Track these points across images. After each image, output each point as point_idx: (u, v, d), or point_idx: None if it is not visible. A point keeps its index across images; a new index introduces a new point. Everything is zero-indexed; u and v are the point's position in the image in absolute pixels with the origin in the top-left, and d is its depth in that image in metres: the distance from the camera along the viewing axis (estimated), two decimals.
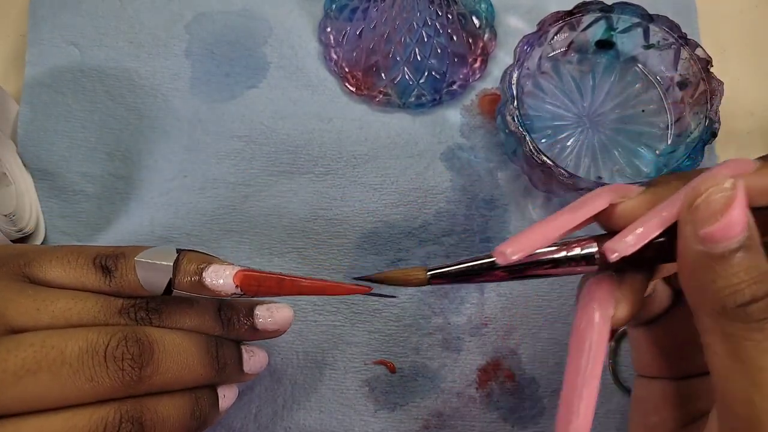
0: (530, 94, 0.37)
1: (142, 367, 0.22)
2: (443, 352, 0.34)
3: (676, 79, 0.36)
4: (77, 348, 0.21)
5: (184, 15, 0.40)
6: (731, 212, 0.18)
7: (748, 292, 0.18)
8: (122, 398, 0.22)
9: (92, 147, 0.37)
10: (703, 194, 0.18)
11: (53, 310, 0.22)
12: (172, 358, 0.23)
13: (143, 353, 0.22)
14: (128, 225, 0.36)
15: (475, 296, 0.35)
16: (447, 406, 0.34)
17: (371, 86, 0.38)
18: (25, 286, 0.23)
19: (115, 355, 0.22)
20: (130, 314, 0.24)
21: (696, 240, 0.18)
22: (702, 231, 0.18)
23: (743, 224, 0.18)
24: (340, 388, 0.34)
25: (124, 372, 0.22)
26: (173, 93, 0.38)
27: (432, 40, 0.37)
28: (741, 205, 0.18)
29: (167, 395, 0.24)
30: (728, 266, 0.18)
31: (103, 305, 0.23)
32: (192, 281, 0.24)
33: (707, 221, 0.18)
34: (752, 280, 0.18)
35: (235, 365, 0.27)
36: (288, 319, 0.28)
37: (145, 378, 0.22)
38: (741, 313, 0.18)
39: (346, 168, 0.37)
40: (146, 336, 0.23)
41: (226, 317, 0.27)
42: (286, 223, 0.36)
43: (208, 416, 0.26)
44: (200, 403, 0.25)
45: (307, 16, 0.40)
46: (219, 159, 0.37)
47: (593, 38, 0.37)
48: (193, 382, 0.24)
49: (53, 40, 0.39)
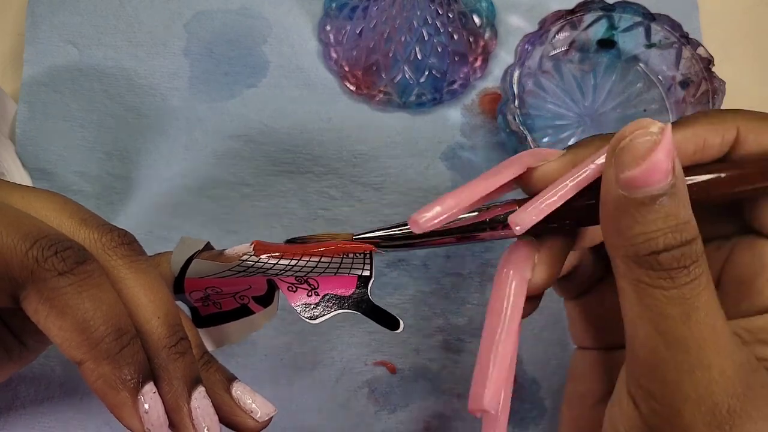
0: (531, 94, 0.37)
1: (130, 243, 0.21)
2: (444, 353, 0.34)
3: (678, 78, 0.36)
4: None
5: (183, 14, 0.40)
6: (654, 156, 0.17)
7: (662, 240, 0.17)
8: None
9: (90, 146, 0.37)
10: (627, 137, 0.18)
11: None
12: (150, 276, 0.21)
13: (137, 245, 0.22)
14: (126, 224, 0.35)
15: (476, 297, 0.35)
16: (447, 407, 0.33)
17: (371, 85, 0.38)
18: None
19: (118, 231, 0.21)
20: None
21: (617, 184, 0.18)
22: (623, 175, 0.17)
23: (666, 170, 0.17)
24: (341, 389, 0.34)
25: (114, 234, 0.21)
26: (172, 92, 0.38)
27: (432, 39, 0.36)
28: (666, 150, 0.17)
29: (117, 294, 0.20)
30: (647, 213, 0.17)
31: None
32: (212, 253, 0.25)
33: (629, 165, 0.17)
34: (668, 229, 0.17)
35: (188, 366, 0.21)
36: (267, 409, 0.23)
37: (123, 248, 0.21)
38: (652, 261, 0.17)
39: (346, 167, 0.37)
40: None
41: (206, 357, 0.23)
42: (285, 223, 0.36)
43: (124, 369, 0.19)
44: (134, 345, 0.19)
45: (306, 15, 0.40)
46: (218, 158, 0.37)
47: (595, 37, 0.37)
48: (149, 311, 0.20)
49: (51, 39, 0.39)
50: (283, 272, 0.25)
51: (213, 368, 0.23)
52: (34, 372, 0.34)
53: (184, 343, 0.21)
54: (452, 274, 0.35)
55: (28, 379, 0.34)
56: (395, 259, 0.35)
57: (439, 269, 0.35)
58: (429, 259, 0.35)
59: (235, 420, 0.22)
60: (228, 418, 0.22)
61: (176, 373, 0.20)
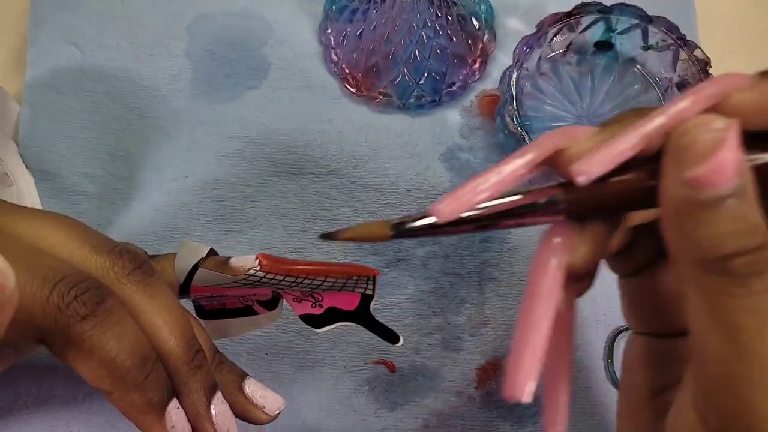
0: (529, 95, 0.37)
1: (141, 266, 0.22)
2: (443, 351, 0.34)
3: (675, 80, 0.36)
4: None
5: (185, 16, 0.40)
6: (720, 155, 0.16)
7: (733, 244, 0.16)
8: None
9: (93, 147, 0.37)
10: (690, 132, 0.16)
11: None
12: (166, 297, 0.23)
13: (148, 266, 0.22)
14: (129, 225, 0.36)
15: (474, 296, 0.35)
16: (446, 405, 0.34)
17: (371, 87, 0.38)
18: None
19: (127, 251, 0.22)
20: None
21: (680, 183, 0.16)
22: (686, 173, 0.16)
23: (734, 169, 0.16)
24: (340, 388, 0.34)
25: (124, 259, 0.22)
26: (174, 94, 0.38)
27: (432, 41, 0.37)
28: (732, 148, 0.16)
29: (137, 323, 0.22)
30: (713, 215, 0.16)
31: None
32: (217, 261, 0.25)
33: (693, 163, 0.16)
34: (738, 233, 0.16)
35: (206, 377, 0.23)
36: (277, 404, 0.25)
37: (136, 275, 0.22)
38: (723, 266, 0.16)
39: (346, 168, 0.37)
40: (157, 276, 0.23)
41: (219, 358, 0.25)
42: (286, 224, 0.36)
43: (149, 393, 0.21)
44: (157, 369, 0.22)
45: (307, 17, 0.41)
46: (219, 159, 0.37)
47: (592, 39, 0.37)
48: (167, 331, 0.22)
49: (54, 40, 0.39)
50: (289, 287, 0.26)
51: (225, 368, 0.24)
52: (37, 371, 0.34)
53: (200, 356, 0.23)
54: (451, 273, 0.35)
55: (30, 377, 0.34)
56: (395, 258, 0.36)
57: (438, 268, 0.35)
58: (428, 259, 0.36)
59: (249, 415, 0.24)
60: (242, 414, 0.24)
61: (195, 385, 0.22)
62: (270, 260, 0.25)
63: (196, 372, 0.22)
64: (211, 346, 0.25)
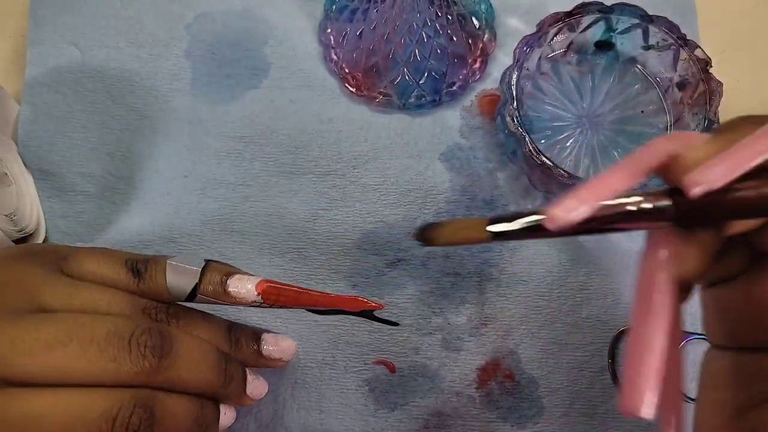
0: (530, 95, 0.37)
1: (162, 357, 0.23)
2: (443, 352, 0.34)
3: (676, 79, 0.36)
4: (105, 329, 0.22)
5: (185, 16, 0.40)
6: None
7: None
8: (139, 386, 0.23)
9: (93, 147, 0.37)
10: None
11: (84, 298, 0.24)
12: (188, 356, 0.24)
13: (164, 344, 0.23)
14: (129, 225, 0.36)
15: (474, 296, 0.35)
16: (447, 405, 0.34)
17: (371, 87, 0.38)
18: (60, 275, 0.25)
19: (139, 341, 0.23)
20: (152, 314, 0.26)
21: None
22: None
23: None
24: (340, 388, 0.34)
25: (145, 358, 0.23)
26: (174, 93, 0.38)
27: (432, 41, 0.37)
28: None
29: (177, 394, 0.24)
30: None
31: (129, 301, 0.25)
32: (216, 288, 0.26)
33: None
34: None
35: (239, 382, 0.28)
36: (291, 350, 0.30)
37: (162, 368, 0.23)
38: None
39: (346, 168, 0.37)
40: (168, 331, 0.24)
41: (235, 337, 0.28)
42: (286, 223, 0.36)
43: (210, 427, 0.26)
44: (204, 411, 0.26)
45: (307, 17, 0.41)
46: (219, 159, 0.37)
47: (593, 39, 0.37)
48: (202, 385, 0.25)
49: (54, 40, 0.39)
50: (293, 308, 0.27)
51: (243, 345, 0.28)
52: None
53: (229, 372, 0.26)
54: (451, 273, 0.35)
55: None
56: (394, 258, 0.36)
57: (438, 268, 0.35)
58: (428, 259, 0.36)
59: (269, 366, 0.30)
60: (264, 366, 0.30)
61: (234, 391, 0.27)
62: (273, 292, 0.26)
63: (229, 385, 0.27)
64: (224, 334, 0.28)
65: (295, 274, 0.35)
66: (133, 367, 0.22)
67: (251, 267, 0.35)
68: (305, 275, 0.35)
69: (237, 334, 0.28)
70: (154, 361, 0.23)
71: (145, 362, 0.23)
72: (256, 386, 0.29)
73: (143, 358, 0.23)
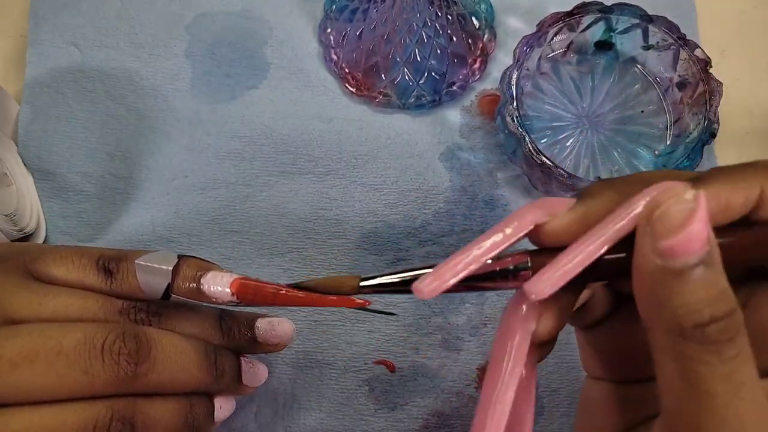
0: (530, 95, 0.37)
1: (138, 363, 0.22)
2: (443, 351, 0.34)
3: (675, 79, 0.36)
4: (75, 340, 0.21)
5: (185, 16, 0.40)
6: (692, 225, 0.17)
7: (707, 311, 0.17)
8: (116, 396, 0.22)
9: (93, 147, 0.37)
10: (662, 205, 0.17)
11: (54, 305, 0.23)
12: (168, 358, 0.23)
13: (140, 349, 0.22)
14: (129, 225, 0.36)
15: (474, 296, 0.35)
16: (447, 405, 0.34)
17: (371, 87, 0.38)
18: (28, 281, 0.23)
19: (111, 349, 0.22)
20: (129, 315, 0.24)
21: (654, 254, 0.17)
22: (661, 244, 0.17)
23: (704, 239, 0.17)
24: (340, 388, 0.34)
25: (120, 366, 0.22)
26: (174, 93, 0.38)
27: (432, 40, 0.37)
28: (702, 219, 0.17)
29: (161, 398, 0.24)
30: (686, 283, 0.17)
31: (104, 304, 0.24)
32: (189, 287, 0.24)
33: (666, 234, 0.17)
34: (711, 299, 0.17)
35: (233, 374, 0.27)
36: (289, 333, 0.28)
37: (140, 375, 0.22)
38: (698, 334, 0.17)
39: (346, 168, 0.37)
40: (144, 334, 0.23)
41: (227, 327, 0.27)
42: (286, 223, 0.36)
43: (202, 425, 0.25)
44: (195, 410, 0.25)
45: (307, 17, 0.41)
46: (219, 159, 0.37)
47: (592, 39, 0.37)
48: (189, 385, 0.24)
49: (54, 40, 0.39)
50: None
51: (236, 334, 0.27)
52: None
53: (220, 366, 0.26)
54: None
55: None
56: (394, 258, 0.36)
57: None
58: (428, 259, 0.36)
59: (268, 351, 0.29)
60: (263, 350, 0.28)
61: (228, 384, 0.27)
62: (249, 291, 0.24)
63: (220, 380, 0.26)
64: (213, 323, 0.27)
65: (295, 274, 0.35)
66: (107, 377, 0.21)
67: (251, 267, 0.35)
68: (305, 275, 0.35)
69: (229, 323, 0.27)
70: (131, 368, 0.22)
71: (120, 370, 0.22)
72: (253, 374, 0.28)
73: (117, 366, 0.22)
